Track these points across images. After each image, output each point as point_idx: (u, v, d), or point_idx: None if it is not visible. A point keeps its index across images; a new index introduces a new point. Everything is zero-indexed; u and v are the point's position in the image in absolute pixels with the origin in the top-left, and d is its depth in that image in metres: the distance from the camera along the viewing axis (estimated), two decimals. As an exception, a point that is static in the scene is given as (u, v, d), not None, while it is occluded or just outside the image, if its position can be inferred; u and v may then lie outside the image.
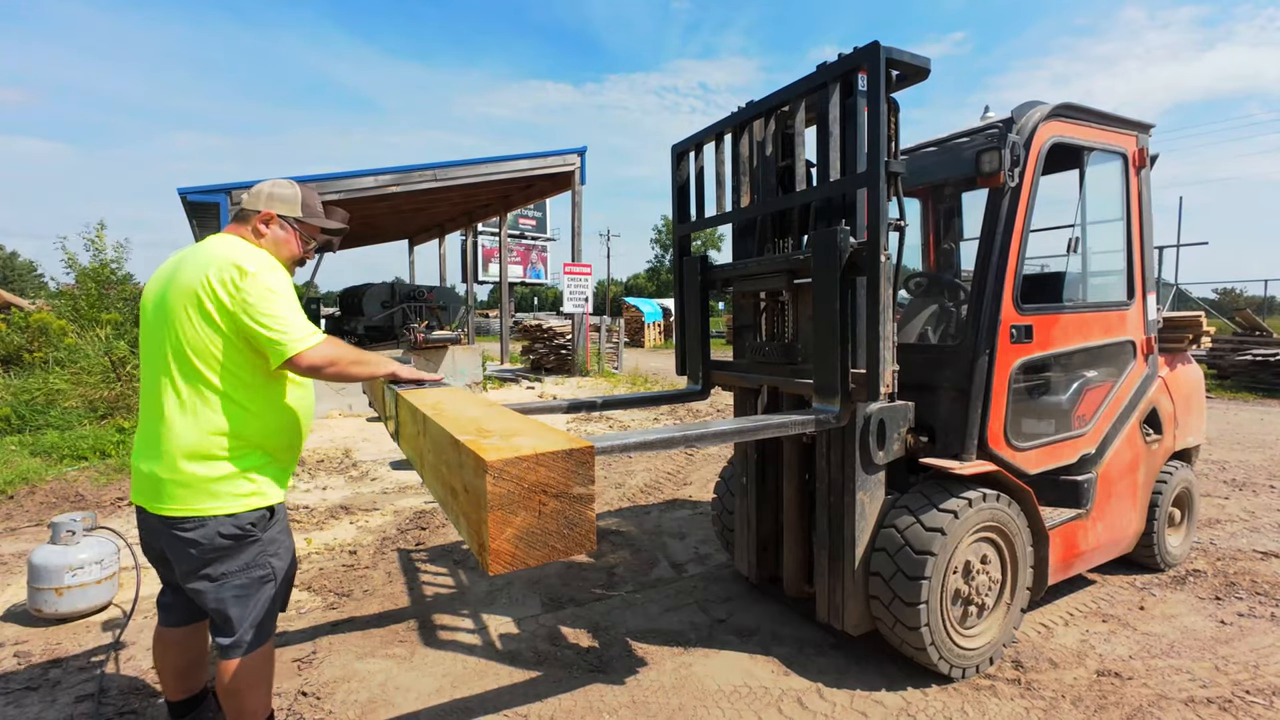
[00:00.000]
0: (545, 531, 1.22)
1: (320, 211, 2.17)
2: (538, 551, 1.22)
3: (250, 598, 1.93)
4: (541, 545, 1.22)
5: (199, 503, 1.83)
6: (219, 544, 1.86)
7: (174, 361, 1.84)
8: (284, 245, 2.07)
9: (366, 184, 11.17)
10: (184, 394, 1.83)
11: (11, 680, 2.66)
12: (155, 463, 1.85)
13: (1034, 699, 2.50)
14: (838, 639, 2.90)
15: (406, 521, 4.68)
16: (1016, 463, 2.84)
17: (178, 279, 1.86)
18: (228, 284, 1.80)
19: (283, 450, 2.01)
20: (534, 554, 1.21)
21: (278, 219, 2.04)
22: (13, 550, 4.13)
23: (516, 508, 1.17)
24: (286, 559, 2.04)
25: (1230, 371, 11.72)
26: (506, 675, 2.69)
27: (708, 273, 3.26)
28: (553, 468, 1.21)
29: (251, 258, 1.86)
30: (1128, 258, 3.32)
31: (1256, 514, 4.74)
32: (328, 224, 2.17)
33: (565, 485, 1.23)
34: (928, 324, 3.55)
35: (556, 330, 14.38)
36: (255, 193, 2.05)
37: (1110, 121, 3.16)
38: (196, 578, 1.89)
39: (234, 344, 1.84)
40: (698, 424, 2.21)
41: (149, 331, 1.92)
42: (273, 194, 2.05)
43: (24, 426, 7.42)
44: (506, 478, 1.15)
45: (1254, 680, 2.62)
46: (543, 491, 1.20)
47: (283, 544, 2.03)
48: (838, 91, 2.52)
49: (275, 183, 2.09)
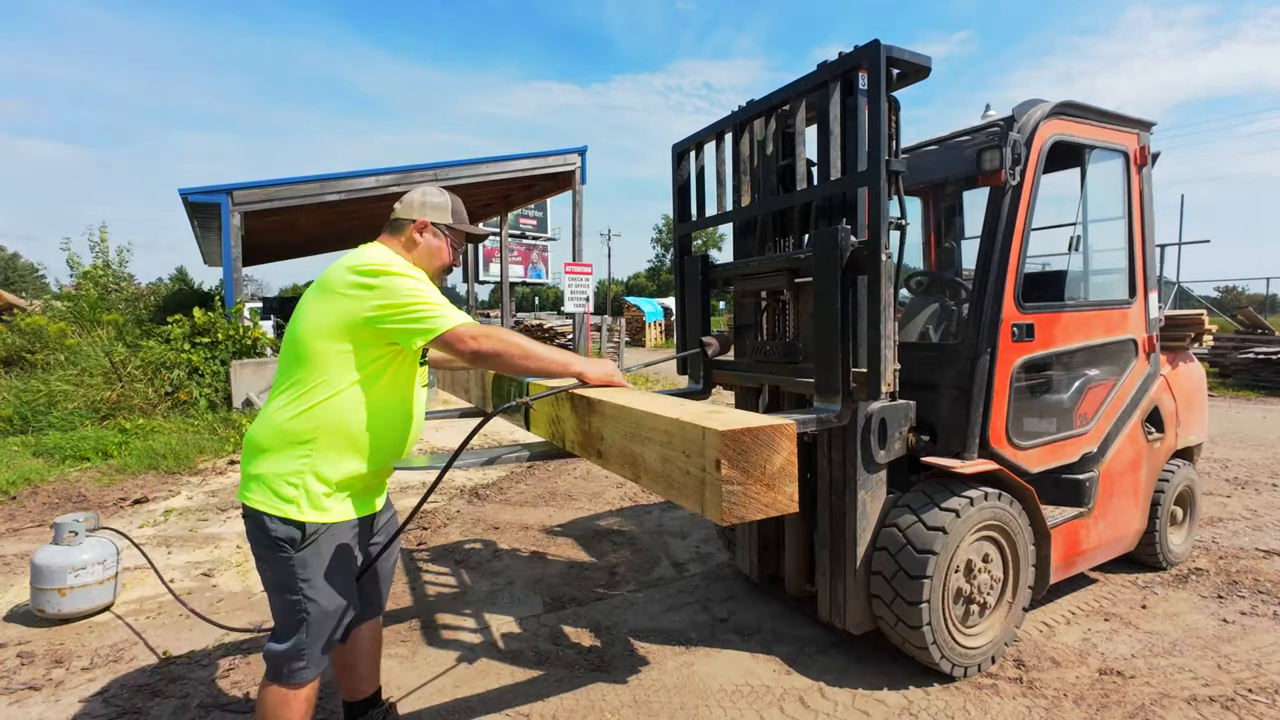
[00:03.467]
0: (758, 491, 1.42)
1: (466, 218, 2.14)
2: (754, 509, 1.41)
3: (287, 619, 1.81)
4: (755, 504, 1.41)
5: (246, 486, 1.81)
6: (256, 537, 1.79)
7: (284, 348, 1.85)
8: (436, 254, 2.03)
9: (368, 184, 11.19)
10: (280, 380, 1.84)
11: (14, 680, 2.67)
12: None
13: (1036, 698, 2.50)
14: (839, 638, 2.90)
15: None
16: (1018, 461, 2.83)
17: (322, 279, 1.85)
18: (364, 276, 1.76)
19: (344, 460, 1.81)
20: (751, 510, 1.40)
21: (431, 226, 2.01)
22: (15, 551, 4.14)
23: (740, 470, 1.38)
24: (325, 595, 1.80)
25: (1232, 370, 11.71)
26: (508, 674, 2.69)
27: (708, 272, 3.26)
28: (763, 438, 1.41)
29: (390, 258, 1.86)
30: (1129, 256, 3.31)
31: (1259, 512, 4.73)
32: (475, 230, 2.15)
33: (772, 453, 1.43)
34: (929, 323, 3.55)
35: (557, 330, 14.41)
36: (408, 202, 2.03)
37: (1112, 119, 3.15)
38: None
39: (333, 334, 1.77)
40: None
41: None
42: (425, 202, 2.02)
43: (26, 427, 7.44)
44: (736, 445, 1.36)
45: (1256, 679, 2.62)
46: (759, 457, 1.41)
47: (321, 573, 1.80)
48: (838, 90, 2.52)
49: (425, 190, 2.05)
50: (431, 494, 2.04)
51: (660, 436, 1.54)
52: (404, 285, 1.77)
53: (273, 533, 1.76)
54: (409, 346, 1.81)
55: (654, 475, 1.59)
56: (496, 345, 1.79)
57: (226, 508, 4.99)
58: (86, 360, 8.67)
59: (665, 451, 1.53)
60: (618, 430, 1.72)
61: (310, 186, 10.76)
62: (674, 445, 1.49)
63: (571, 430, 2.00)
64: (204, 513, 4.89)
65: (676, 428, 1.48)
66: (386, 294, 1.75)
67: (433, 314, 1.76)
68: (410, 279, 1.80)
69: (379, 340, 1.80)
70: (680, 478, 1.48)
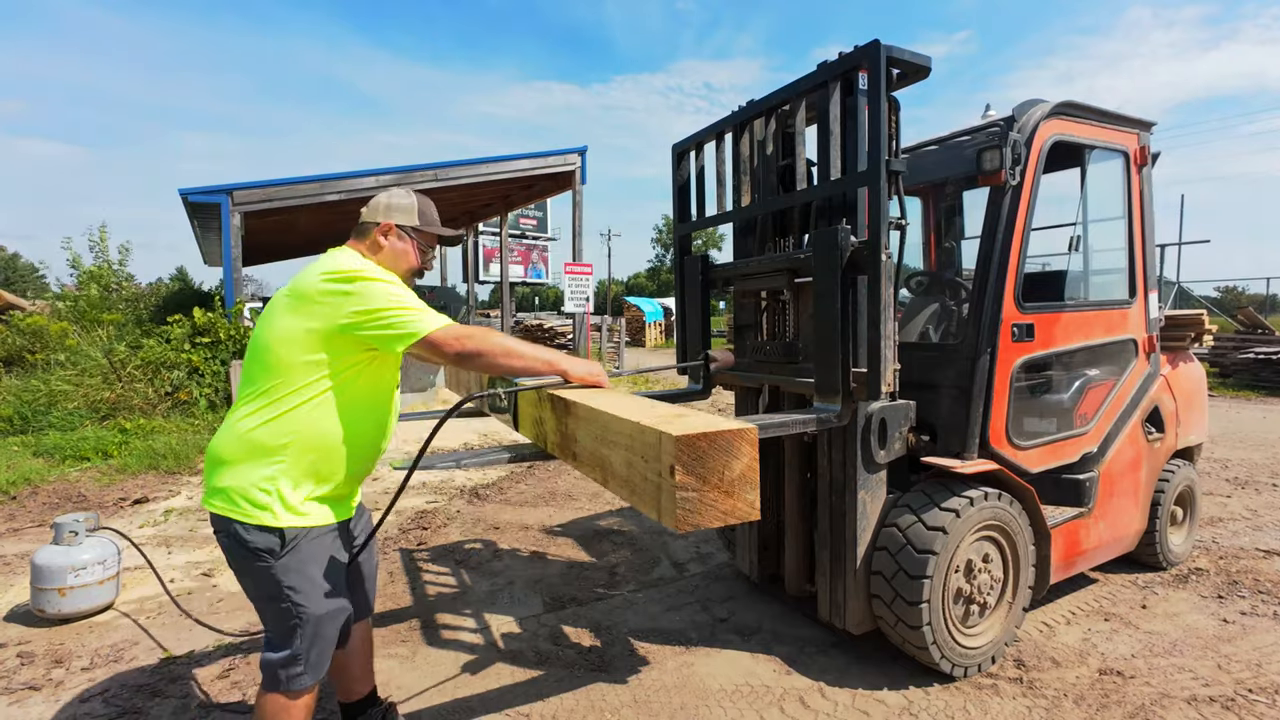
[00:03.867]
0: (716, 498, 1.38)
1: (436, 220, 2.09)
2: (710, 516, 1.37)
3: (280, 627, 1.78)
4: (711, 511, 1.37)
5: (212, 498, 1.77)
6: (233, 549, 1.75)
7: (250, 357, 1.81)
8: (402, 257, 2.00)
9: (368, 184, 11.18)
10: (245, 390, 1.80)
11: (14, 680, 2.67)
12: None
13: (1036, 698, 2.50)
14: (839, 638, 2.90)
15: (408, 521, 4.68)
16: (1018, 461, 2.83)
17: (293, 286, 1.82)
18: (340, 283, 1.74)
19: (318, 469, 1.79)
20: (707, 518, 1.37)
21: (396, 229, 1.99)
22: (15, 551, 4.14)
23: (696, 477, 1.34)
24: (315, 599, 1.76)
25: (1232, 370, 11.70)
26: (509, 675, 2.69)
27: (708, 272, 3.26)
28: (721, 444, 1.37)
29: (362, 263, 1.83)
30: (1129, 256, 3.31)
31: (1259, 512, 4.73)
32: (444, 232, 2.10)
33: (731, 459, 1.39)
34: (929, 323, 3.55)
35: (557, 330, 14.40)
36: (373, 206, 2.00)
37: (1112, 119, 3.15)
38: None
39: (306, 343, 1.74)
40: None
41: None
42: (390, 205, 1.99)
43: (26, 427, 7.44)
44: (691, 451, 1.33)
45: (1256, 679, 2.62)
46: (716, 463, 1.37)
47: (308, 578, 1.76)
48: (838, 90, 2.52)
49: (391, 193, 2.02)
50: (401, 495, 2.03)
51: (624, 440, 1.51)
52: (380, 290, 1.75)
53: (250, 543, 1.71)
54: (390, 352, 1.80)
55: (619, 480, 1.56)
56: (479, 345, 1.78)
57: (226, 508, 4.98)
58: (87, 360, 8.67)
59: (629, 456, 1.50)
60: (589, 433, 1.70)
61: (310, 186, 10.76)
62: (635, 450, 1.46)
63: (552, 432, 1.97)
64: (204, 513, 4.89)
65: (638, 432, 1.44)
66: (363, 300, 1.73)
67: (412, 318, 1.74)
68: (386, 284, 1.78)
69: (356, 347, 1.77)
70: (640, 483, 1.45)
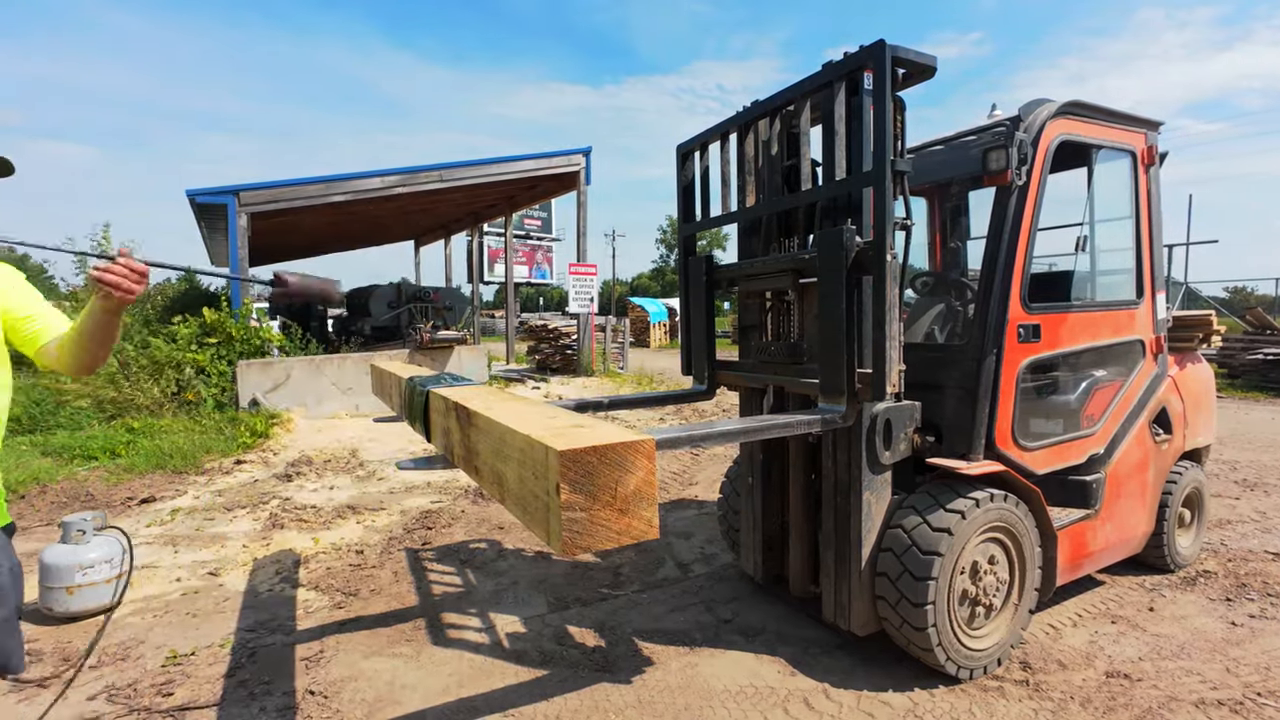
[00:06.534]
0: (608, 518, 1.26)
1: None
2: (602, 537, 1.26)
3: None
4: (603, 532, 1.26)
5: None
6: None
7: None
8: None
9: (373, 184, 11.23)
10: None
11: (23, 678, 2.68)
12: None
13: (1042, 700, 2.49)
14: (844, 639, 2.89)
15: (413, 521, 4.70)
16: (1024, 463, 2.82)
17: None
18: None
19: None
20: (599, 539, 1.25)
21: None
22: (24, 549, 4.17)
23: (585, 495, 1.22)
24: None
25: (1241, 371, 11.61)
26: (513, 674, 2.70)
27: (713, 272, 3.26)
28: (612, 458, 1.25)
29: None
30: (1137, 256, 3.29)
31: (1268, 515, 4.70)
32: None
33: (625, 474, 1.27)
34: (934, 323, 3.54)
35: (562, 330, 14.38)
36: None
37: (1119, 119, 3.14)
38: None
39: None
40: (703, 424, 2.20)
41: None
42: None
43: (35, 427, 7.49)
44: (578, 466, 1.20)
45: (1265, 682, 2.60)
46: (607, 479, 1.25)
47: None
48: (843, 90, 2.51)
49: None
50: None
51: (517, 455, 1.38)
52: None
53: None
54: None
55: (514, 498, 1.43)
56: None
57: (233, 507, 5.01)
58: (94, 360, 8.72)
59: (521, 471, 1.36)
60: (488, 445, 1.57)
61: (316, 187, 10.81)
62: (526, 465, 1.33)
63: (457, 444, 1.84)
64: (210, 512, 4.91)
65: (528, 445, 1.31)
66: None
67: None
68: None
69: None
70: (531, 501, 1.32)
